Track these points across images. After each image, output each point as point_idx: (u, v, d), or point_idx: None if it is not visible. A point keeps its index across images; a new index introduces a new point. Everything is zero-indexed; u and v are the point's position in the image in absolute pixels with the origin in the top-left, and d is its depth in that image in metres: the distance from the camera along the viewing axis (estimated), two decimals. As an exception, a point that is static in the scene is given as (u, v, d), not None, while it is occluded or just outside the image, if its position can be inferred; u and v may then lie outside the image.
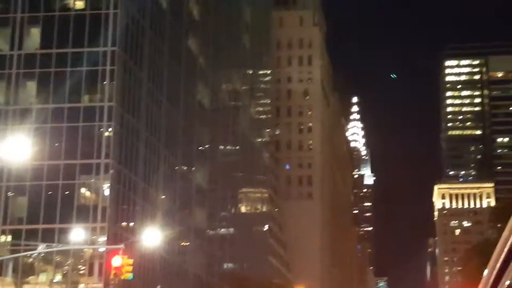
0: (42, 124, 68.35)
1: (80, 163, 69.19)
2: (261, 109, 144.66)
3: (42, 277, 68.53)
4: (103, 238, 65.95)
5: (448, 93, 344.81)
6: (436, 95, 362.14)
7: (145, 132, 78.58)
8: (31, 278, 68.69)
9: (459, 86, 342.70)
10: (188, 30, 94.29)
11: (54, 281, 67.23)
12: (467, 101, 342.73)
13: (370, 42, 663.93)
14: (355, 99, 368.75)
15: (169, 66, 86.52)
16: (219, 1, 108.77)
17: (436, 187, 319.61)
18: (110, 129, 70.27)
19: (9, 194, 68.88)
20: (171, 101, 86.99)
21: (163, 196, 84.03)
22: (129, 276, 43.81)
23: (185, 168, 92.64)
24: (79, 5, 73.30)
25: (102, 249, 61.35)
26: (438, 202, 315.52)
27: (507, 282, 34.78)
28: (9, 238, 67.14)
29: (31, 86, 72.57)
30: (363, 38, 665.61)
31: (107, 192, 69.33)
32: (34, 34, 73.30)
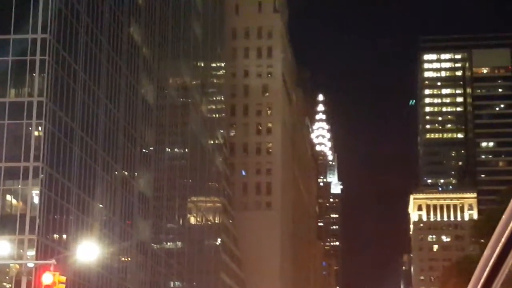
0: None
1: (5, 166, 69.03)
2: (213, 107, 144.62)
3: None
4: (31, 252, 65.54)
5: (427, 91, 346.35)
6: (413, 93, 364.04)
7: (81, 132, 78.09)
8: None
9: (438, 84, 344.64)
10: (130, 16, 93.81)
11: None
12: (447, 100, 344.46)
13: (339, 32, 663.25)
14: (321, 97, 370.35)
15: (108, 57, 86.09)
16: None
17: (411, 197, 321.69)
18: (40, 128, 70.05)
19: None
20: (110, 97, 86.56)
21: (101, 205, 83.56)
22: None
23: (126, 173, 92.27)
24: None
25: (30, 264, 60.94)
26: (413, 214, 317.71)
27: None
28: None
29: None
30: (331, 26, 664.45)
31: (36, 199, 68.77)
32: None
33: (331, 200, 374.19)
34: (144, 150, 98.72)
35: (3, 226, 67.37)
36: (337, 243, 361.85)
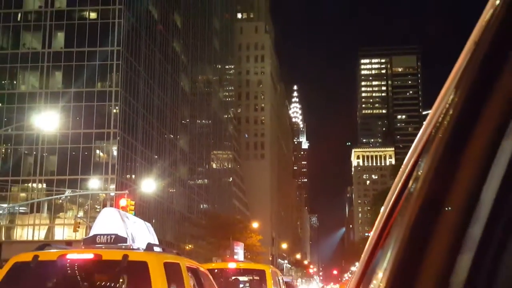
0: (66, 103, 68.33)
1: (95, 132, 69.64)
2: (227, 94, 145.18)
3: (69, 214, 69.53)
4: (112, 186, 66.62)
5: (363, 83, 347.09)
6: (354, 84, 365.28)
7: (142, 109, 78.62)
8: (61, 214, 70.06)
9: (370, 78, 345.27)
10: (173, 35, 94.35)
11: (78, 216, 67.83)
12: (376, 88, 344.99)
13: (308, 43, 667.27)
14: (295, 87, 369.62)
15: (160, 62, 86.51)
16: (195, 13, 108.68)
17: (353, 151, 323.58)
18: (117, 108, 70.63)
19: (44, 154, 69.42)
20: (161, 87, 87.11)
21: (156, 156, 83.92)
22: (132, 213, 44.65)
23: (172, 136, 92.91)
24: (93, 15, 73.09)
25: (112, 194, 61.85)
26: (354, 161, 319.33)
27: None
28: (44, 185, 67.67)
29: (58, 75, 72.58)
30: (303, 39, 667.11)
31: (115, 153, 69.80)
32: (60, 37, 73.27)
33: (302, 152, 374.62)
34: (183, 121, 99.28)
35: (95, 170, 67.98)
36: (305, 180, 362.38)
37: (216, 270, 14.71)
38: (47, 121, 45.81)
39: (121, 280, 6.88)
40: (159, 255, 7.32)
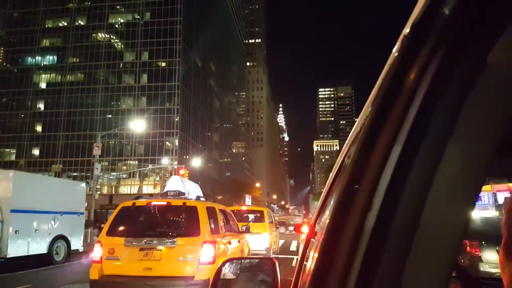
0: (148, 115, 66.66)
1: (165, 131, 68.54)
2: (240, 109, 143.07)
3: (151, 179, 68.76)
4: (175, 162, 64.66)
5: (320, 102, 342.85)
6: (315, 102, 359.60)
7: (192, 119, 76.61)
8: (146, 179, 69.32)
9: (324, 99, 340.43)
10: (210, 75, 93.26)
11: (156, 180, 67.64)
12: (327, 105, 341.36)
13: (290, 79, 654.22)
14: (281, 105, 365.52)
15: (202, 90, 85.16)
16: (223, 61, 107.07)
17: (314, 142, 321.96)
18: (177, 117, 69.02)
19: (136, 144, 68.06)
20: (203, 106, 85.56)
21: (200, 145, 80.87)
22: (187, 178, 44.22)
23: (209, 134, 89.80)
24: (163, 64, 70.83)
25: (175, 167, 60.38)
26: (315, 148, 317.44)
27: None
28: (136, 162, 66.90)
29: (143, 99, 70.35)
30: (286, 77, 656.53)
31: (177, 143, 68.26)
32: (144, 77, 71.42)
33: (284, 143, 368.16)
34: (215, 125, 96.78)
35: (165, 153, 66.55)
36: (286, 159, 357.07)
37: (235, 211, 14.90)
38: (137, 125, 46.62)
39: (182, 216, 7.00)
40: (203, 202, 7.28)
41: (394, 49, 0.60)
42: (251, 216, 15.63)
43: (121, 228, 6.72)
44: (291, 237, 26.61)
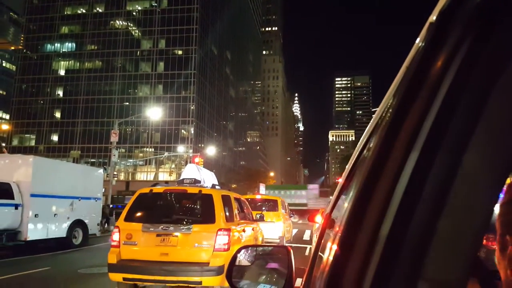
0: (165, 103, 66.25)
1: (181, 119, 68.68)
2: (256, 98, 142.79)
3: (166, 166, 69.58)
4: (191, 150, 64.82)
5: (337, 92, 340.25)
6: (331, 92, 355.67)
7: (208, 107, 76.54)
8: (162, 166, 69.93)
9: (341, 89, 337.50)
10: (225, 63, 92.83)
11: (172, 167, 68.10)
12: (344, 95, 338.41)
13: (306, 68, 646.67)
14: (296, 94, 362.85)
15: (218, 79, 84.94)
16: (239, 50, 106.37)
17: (330, 132, 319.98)
18: (193, 106, 69.25)
19: (152, 132, 68.42)
20: (219, 94, 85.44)
21: (215, 134, 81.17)
22: (202, 166, 44.45)
23: (224, 122, 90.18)
24: (180, 52, 71.05)
25: (190, 155, 60.79)
26: (330, 138, 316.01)
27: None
28: (152, 150, 67.22)
29: (160, 87, 70.52)
30: (302, 66, 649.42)
31: (192, 132, 68.62)
32: (161, 65, 71.51)
33: (299, 132, 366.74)
34: (231, 114, 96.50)
35: (181, 141, 66.78)
36: (301, 148, 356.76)
37: (249, 199, 14.98)
38: (154, 113, 46.88)
39: (198, 204, 7.08)
40: (218, 190, 7.35)
41: (419, 38, 0.57)
42: (264, 205, 15.76)
43: (139, 214, 6.82)
44: (304, 227, 26.76)
